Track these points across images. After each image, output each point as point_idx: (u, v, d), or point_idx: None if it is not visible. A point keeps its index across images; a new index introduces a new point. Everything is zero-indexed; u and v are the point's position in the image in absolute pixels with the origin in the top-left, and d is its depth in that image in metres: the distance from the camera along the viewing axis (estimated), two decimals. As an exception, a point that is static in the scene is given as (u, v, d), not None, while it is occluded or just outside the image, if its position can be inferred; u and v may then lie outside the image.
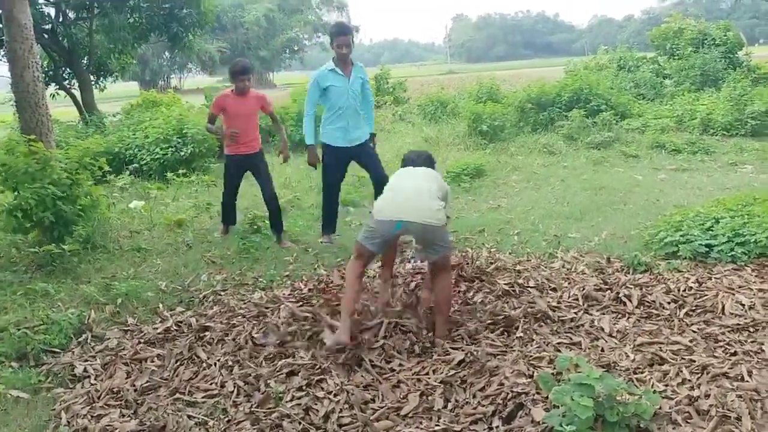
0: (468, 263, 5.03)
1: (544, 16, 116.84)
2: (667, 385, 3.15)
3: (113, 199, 7.87)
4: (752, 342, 3.54)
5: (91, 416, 3.27)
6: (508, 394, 3.13)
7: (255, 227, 6.42)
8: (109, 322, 4.42)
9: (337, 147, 5.96)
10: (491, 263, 5.10)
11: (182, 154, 10.16)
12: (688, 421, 2.84)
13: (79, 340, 4.12)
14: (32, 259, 5.58)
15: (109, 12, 14.64)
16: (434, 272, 3.96)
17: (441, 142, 11.89)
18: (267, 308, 4.47)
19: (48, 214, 5.52)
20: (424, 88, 22.06)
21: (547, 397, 2.91)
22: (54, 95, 15.50)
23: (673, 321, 3.92)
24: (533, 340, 3.78)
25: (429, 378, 3.41)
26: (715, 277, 4.52)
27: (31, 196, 5.42)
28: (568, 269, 4.98)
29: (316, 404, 3.22)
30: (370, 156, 6.09)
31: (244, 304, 4.62)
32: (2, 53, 13.45)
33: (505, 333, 3.91)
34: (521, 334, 3.85)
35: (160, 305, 4.68)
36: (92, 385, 3.59)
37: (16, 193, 5.60)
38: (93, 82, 15.93)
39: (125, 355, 3.90)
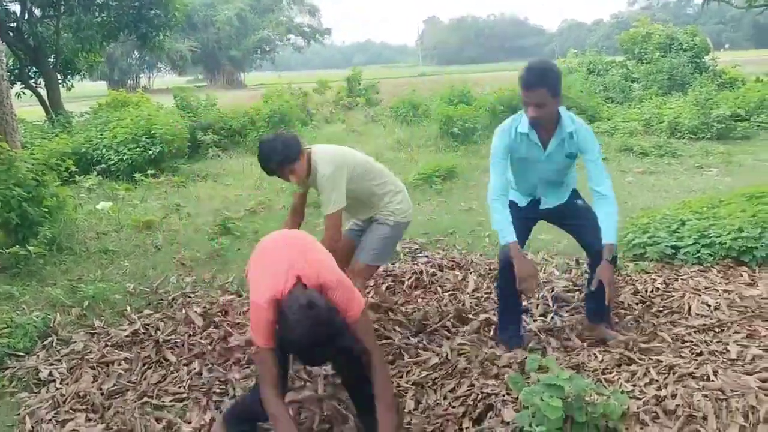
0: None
1: (516, 20, 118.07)
2: (634, 386, 3.19)
3: (80, 200, 7.73)
4: (718, 342, 3.60)
5: (57, 421, 3.20)
6: (478, 395, 3.14)
7: (225, 229, 6.35)
8: (75, 325, 4.34)
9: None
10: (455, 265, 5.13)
11: (151, 154, 10.02)
12: (656, 420, 2.88)
13: (44, 343, 4.03)
14: (-4, 261, 5.46)
15: (76, 10, 14.42)
16: None
17: (413, 144, 11.93)
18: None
19: (13, 215, 5.41)
20: (396, 90, 22.09)
21: (516, 398, 2.93)
22: (19, 94, 15.21)
23: (640, 322, 3.97)
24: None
25: (401, 380, 3.41)
26: (681, 279, 4.60)
27: (-5, 197, 5.31)
28: (537, 270, 5.02)
29: (290, 405, 3.19)
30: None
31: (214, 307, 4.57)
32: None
33: (475, 335, 3.93)
34: (492, 335, 3.87)
35: (128, 308, 4.61)
36: (57, 389, 3.51)
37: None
38: (60, 81, 15.67)
39: (92, 358, 3.82)
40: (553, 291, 4.51)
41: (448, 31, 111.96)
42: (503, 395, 3.08)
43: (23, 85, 15.23)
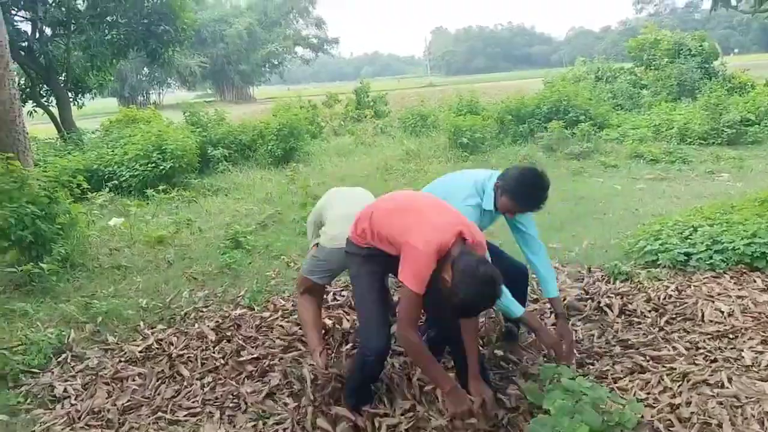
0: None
1: (523, 28, 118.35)
2: (648, 394, 3.17)
3: (92, 216, 7.78)
4: (732, 349, 3.58)
5: (72, 438, 3.22)
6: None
7: (236, 243, 6.37)
8: (89, 342, 4.36)
9: None
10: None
11: (162, 170, 10.10)
12: (670, 429, 2.87)
13: (59, 360, 4.06)
14: (10, 278, 5.51)
15: (86, 28, 14.59)
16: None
17: (422, 155, 11.94)
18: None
19: (26, 233, 5.47)
20: (404, 101, 22.19)
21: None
22: (31, 113, 15.39)
23: (654, 329, 3.95)
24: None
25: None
26: (694, 285, 4.57)
27: (9, 215, 5.37)
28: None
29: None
30: None
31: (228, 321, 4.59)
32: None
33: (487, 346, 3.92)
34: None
35: (141, 323, 4.63)
36: (72, 405, 3.53)
37: (-7, 211, 5.53)
38: (71, 99, 15.83)
39: (106, 374, 3.85)
40: (565, 300, 4.49)
41: (456, 41, 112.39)
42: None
43: (35, 104, 15.40)
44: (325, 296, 4.46)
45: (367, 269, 2.99)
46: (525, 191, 3.36)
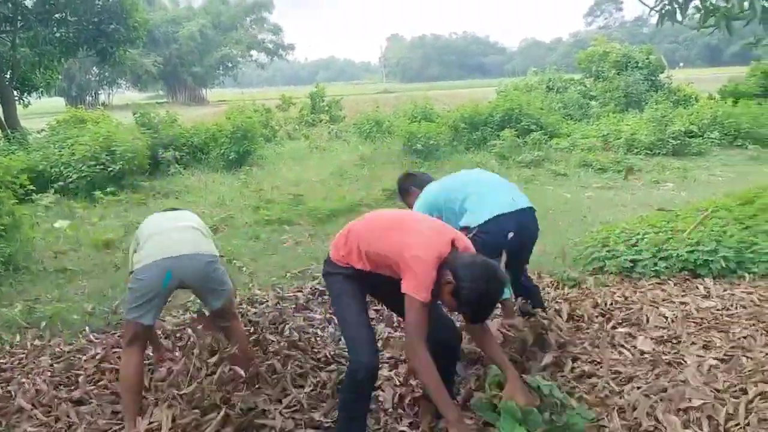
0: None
1: (477, 38, 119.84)
2: (595, 397, 3.24)
3: (37, 218, 7.55)
4: (675, 353, 3.68)
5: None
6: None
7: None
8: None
9: None
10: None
11: (110, 171, 9.87)
12: None
13: (-2, 367, 3.91)
14: (-53, 282, 5.30)
15: (34, 25, 14.16)
16: (225, 322, 3.44)
17: (377, 160, 11.97)
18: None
19: (-35, 234, 5.27)
20: (359, 106, 22.19)
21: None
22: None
23: (601, 334, 4.04)
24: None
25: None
26: (639, 291, 4.70)
27: (-53, 215, 5.17)
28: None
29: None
30: None
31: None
32: None
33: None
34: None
35: (87, 328, 4.51)
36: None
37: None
38: (16, 98, 15.33)
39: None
40: (515, 306, 4.55)
41: (411, 49, 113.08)
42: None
43: (-20, 99, 14.87)
44: None
45: (349, 286, 2.94)
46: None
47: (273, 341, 3.91)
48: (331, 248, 3.06)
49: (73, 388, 3.61)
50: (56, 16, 14.52)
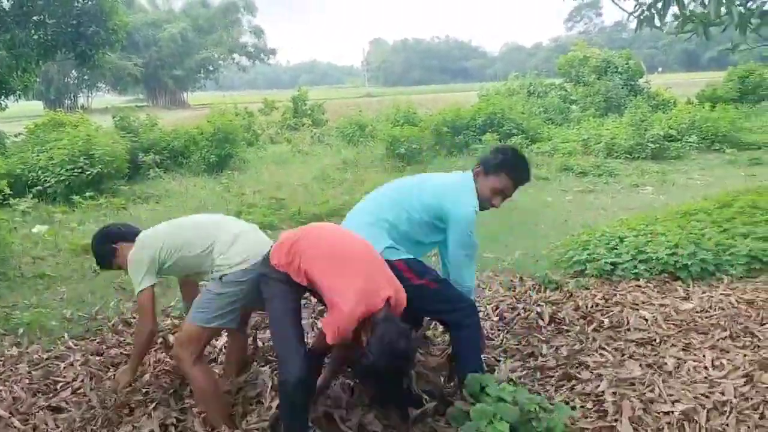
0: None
1: (459, 42, 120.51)
2: (577, 400, 3.26)
3: (15, 223, 7.44)
4: (655, 355, 3.72)
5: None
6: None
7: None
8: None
9: None
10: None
11: (89, 175, 9.76)
12: (598, 433, 2.95)
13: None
14: None
15: (11, 27, 13.94)
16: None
17: (359, 165, 11.98)
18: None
19: (-60, 240, 5.18)
20: (342, 110, 22.20)
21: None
22: (-50, 112, 14.61)
23: (582, 336, 4.07)
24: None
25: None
26: (620, 294, 4.73)
27: None
28: (483, 288, 5.09)
29: None
30: None
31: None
32: None
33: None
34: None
35: (65, 335, 4.45)
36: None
37: None
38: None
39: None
40: (498, 309, 4.57)
41: (393, 53, 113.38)
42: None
43: (-45, 102, 14.64)
44: None
45: (283, 290, 2.90)
46: (520, 164, 3.42)
47: (261, 346, 3.93)
48: (271, 252, 2.96)
49: (51, 395, 3.56)
50: (34, 18, 14.30)
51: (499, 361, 3.81)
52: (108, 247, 3.35)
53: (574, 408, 3.15)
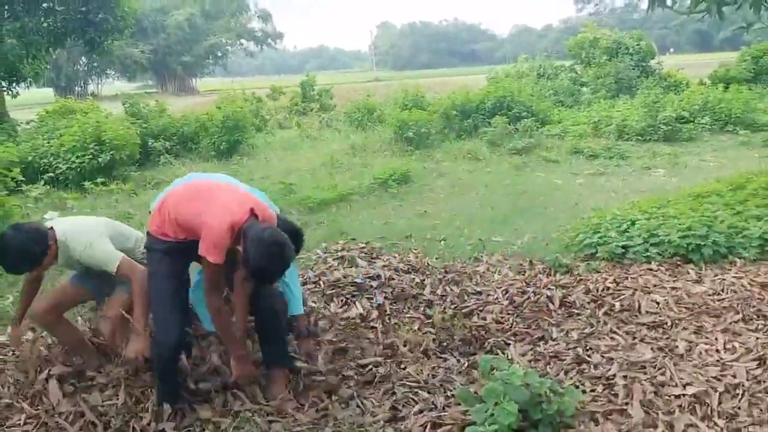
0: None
1: (468, 25, 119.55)
2: (589, 383, 3.26)
3: (27, 210, 7.48)
4: (667, 338, 3.71)
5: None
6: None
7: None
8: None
9: None
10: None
11: (100, 161, 9.80)
12: (608, 417, 2.94)
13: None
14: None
15: (21, 15, 13.99)
16: None
17: (368, 149, 11.94)
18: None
19: (-47, 227, 5.22)
20: (350, 95, 22.12)
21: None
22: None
23: (592, 320, 4.06)
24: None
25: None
26: (631, 277, 4.71)
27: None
28: (492, 272, 5.09)
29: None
30: None
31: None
32: None
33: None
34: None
35: (79, 318, 4.48)
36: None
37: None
38: (4, 89, 15.18)
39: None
40: (507, 292, 4.56)
41: (401, 36, 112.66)
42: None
43: (-33, 90, 14.72)
44: None
45: (166, 264, 3.07)
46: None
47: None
48: (149, 222, 3.17)
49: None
50: (43, 5, 14.34)
51: (508, 344, 3.82)
52: (44, 246, 3.19)
53: (584, 392, 3.15)
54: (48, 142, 10.46)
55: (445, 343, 3.87)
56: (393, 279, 4.85)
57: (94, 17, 14.87)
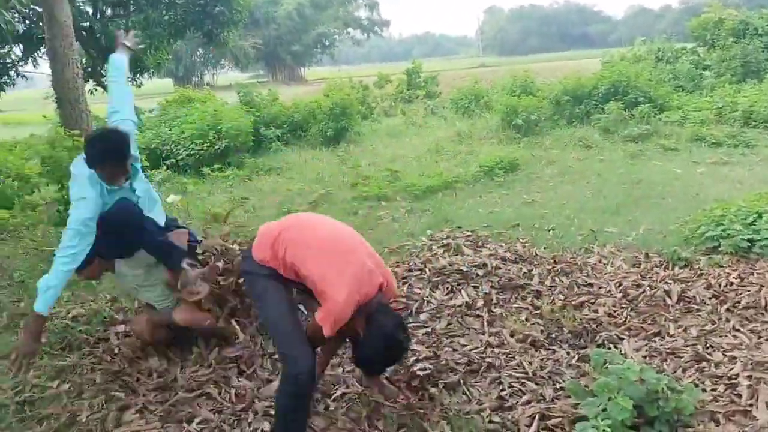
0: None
1: (580, 7, 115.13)
2: (710, 381, 3.10)
3: (151, 193, 7.98)
4: (797, 339, 3.46)
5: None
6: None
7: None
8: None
9: None
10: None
11: (217, 149, 10.31)
12: (731, 418, 2.79)
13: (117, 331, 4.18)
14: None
15: (144, 8, 14.89)
16: None
17: (474, 136, 11.83)
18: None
19: (90, 206, 5.68)
20: (455, 82, 21.94)
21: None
22: (92, 91, 15.84)
23: (714, 317, 3.84)
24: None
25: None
26: (757, 273, 4.42)
27: (74, 188, 5.59)
28: (604, 264, 4.92)
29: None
30: None
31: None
32: (44, 51, 13.76)
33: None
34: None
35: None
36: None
37: (59, 186, 5.76)
38: (129, 79, 16.19)
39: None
40: (621, 285, 4.40)
41: (509, 21, 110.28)
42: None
43: (95, 83, 15.83)
44: None
45: (273, 284, 2.81)
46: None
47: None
48: (253, 248, 2.89)
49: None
50: (165, -1, 15.17)
51: (621, 339, 3.69)
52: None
53: (704, 390, 3.00)
54: (170, 130, 11.12)
55: (553, 335, 3.80)
56: (499, 268, 4.79)
57: (212, 10, 15.56)
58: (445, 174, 8.46)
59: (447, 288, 4.53)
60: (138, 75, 16.91)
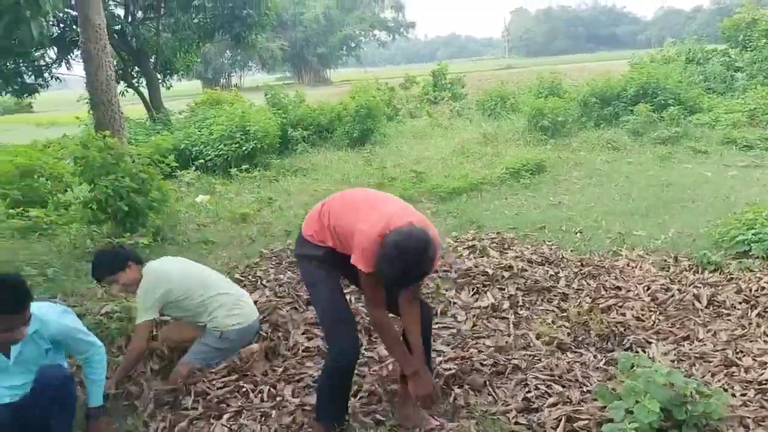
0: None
1: (608, 8, 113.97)
2: (739, 386, 3.06)
3: (180, 193, 8.12)
4: (831, 345, 3.40)
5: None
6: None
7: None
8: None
9: None
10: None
11: (245, 150, 10.42)
12: (761, 423, 2.76)
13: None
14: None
15: (175, 11, 15.13)
16: None
17: (500, 138, 11.78)
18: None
19: (123, 204, 5.82)
20: (481, 83, 21.90)
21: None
22: (123, 93, 16.13)
23: (744, 321, 3.80)
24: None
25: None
26: (790, 278, 4.35)
27: (107, 187, 5.71)
28: (632, 267, 4.88)
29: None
30: None
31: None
32: (78, 53, 14.06)
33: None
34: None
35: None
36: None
37: (92, 185, 5.90)
38: (159, 81, 16.46)
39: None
40: (649, 289, 4.36)
41: (536, 22, 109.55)
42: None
43: (127, 85, 16.12)
44: None
45: (324, 270, 2.87)
46: None
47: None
48: (303, 226, 2.97)
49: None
50: (195, 2, 15.38)
51: (649, 342, 3.67)
52: (119, 263, 3.49)
53: (733, 395, 2.97)
54: (199, 131, 11.27)
55: (580, 338, 3.79)
56: (525, 270, 4.79)
57: (240, 13, 15.78)
58: (470, 175, 8.45)
59: (473, 289, 4.54)
60: (168, 77, 17.20)
